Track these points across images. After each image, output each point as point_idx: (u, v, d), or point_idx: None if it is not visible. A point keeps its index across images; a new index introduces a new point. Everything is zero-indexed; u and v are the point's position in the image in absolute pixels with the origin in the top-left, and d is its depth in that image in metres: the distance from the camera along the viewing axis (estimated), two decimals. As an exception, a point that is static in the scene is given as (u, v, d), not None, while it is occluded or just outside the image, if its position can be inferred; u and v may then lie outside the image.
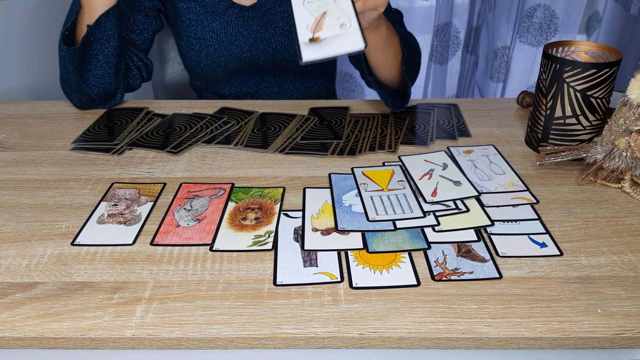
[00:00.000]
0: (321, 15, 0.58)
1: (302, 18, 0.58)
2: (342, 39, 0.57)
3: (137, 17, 0.95)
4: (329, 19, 0.58)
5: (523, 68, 1.81)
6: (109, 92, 0.91)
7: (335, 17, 0.58)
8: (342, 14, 0.58)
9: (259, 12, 0.97)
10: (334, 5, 0.58)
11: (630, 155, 0.66)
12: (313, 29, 0.57)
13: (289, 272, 0.56)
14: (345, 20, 0.58)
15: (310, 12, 0.58)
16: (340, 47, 0.58)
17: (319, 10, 0.58)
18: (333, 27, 0.57)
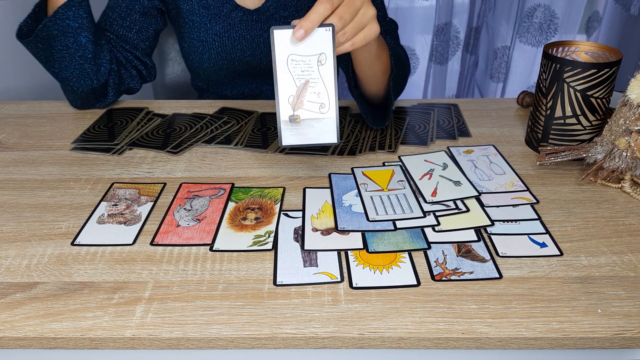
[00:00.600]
0: (303, 85, 0.60)
1: (285, 86, 0.60)
2: (318, 126, 0.61)
3: (134, 16, 0.94)
4: (310, 93, 0.60)
5: (523, 68, 1.81)
6: (94, 90, 0.90)
7: (316, 93, 0.60)
8: (323, 89, 0.60)
9: (263, 16, 0.97)
10: (317, 73, 0.60)
11: (630, 155, 0.66)
12: (294, 105, 0.61)
13: (289, 272, 0.56)
14: (324, 100, 0.60)
15: (293, 76, 0.60)
16: (316, 136, 0.61)
17: (302, 75, 0.60)
18: (312, 106, 0.61)
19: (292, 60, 0.60)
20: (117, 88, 0.93)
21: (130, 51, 0.95)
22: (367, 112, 0.83)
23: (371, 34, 0.65)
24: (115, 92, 0.93)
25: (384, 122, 0.83)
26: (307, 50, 0.60)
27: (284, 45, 0.59)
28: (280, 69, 0.60)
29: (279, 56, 0.60)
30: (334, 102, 0.60)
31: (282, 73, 0.60)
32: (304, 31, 0.58)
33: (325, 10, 0.59)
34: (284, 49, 0.60)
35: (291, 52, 0.60)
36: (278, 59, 0.60)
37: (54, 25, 0.83)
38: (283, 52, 0.60)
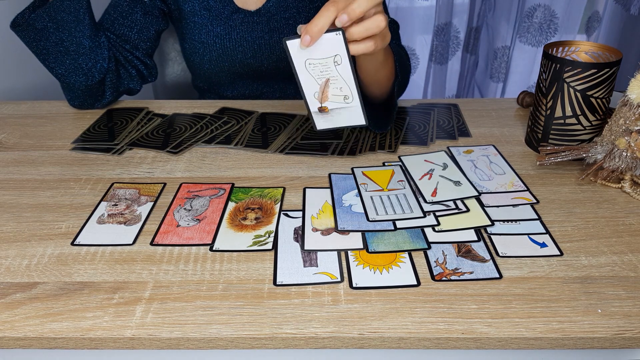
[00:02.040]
0: (325, 83, 0.63)
1: (308, 84, 0.64)
2: (346, 113, 0.66)
3: (136, 16, 0.94)
4: (332, 88, 0.64)
5: (523, 68, 1.81)
6: (91, 88, 0.89)
7: (338, 88, 0.64)
8: (344, 84, 0.63)
9: (264, 18, 0.96)
10: (336, 72, 0.63)
11: (630, 155, 0.66)
12: (320, 99, 0.65)
13: (289, 272, 0.56)
14: (347, 92, 0.64)
15: (313, 76, 0.63)
16: (346, 120, 0.66)
17: (321, 75, 0.63)
18: (337, 99, 0.65)
19: (310, 64, 0.62)
20: (115, 88, 0.93)
21: (130, 51, 0.95)
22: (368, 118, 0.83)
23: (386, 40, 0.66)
24: (113, 92, 0.93)
25: (386, 127, 0.83)
26: (322, 54, 0.62)
27: (299, 53, 0.61)
28: (300, 72, 0.63)
29: (296, 63, 0.62)
30: (357, 92, 0.64)
31: (303, 74, 0.63)
32: (309, 37, 0.59)
33: (331, 13, 0.59)
34: (300, 56, 0.62)
35: (307, 58, 0.62)
36: (297, 65, 0.62)
37: (49, 17, 0.82)
38: (300, 59, 0.62)
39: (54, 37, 0.84)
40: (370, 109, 0.84)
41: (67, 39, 0.84)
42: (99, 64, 0.88)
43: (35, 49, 0.85)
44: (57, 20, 0.83)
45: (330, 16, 0.59)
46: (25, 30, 0.83)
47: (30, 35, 0.84)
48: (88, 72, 0.87)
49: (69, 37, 0.84)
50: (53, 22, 0.83)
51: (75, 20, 0.84)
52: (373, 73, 0.78)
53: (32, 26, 0.82)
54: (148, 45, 0.97)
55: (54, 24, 0.83)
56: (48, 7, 0.82)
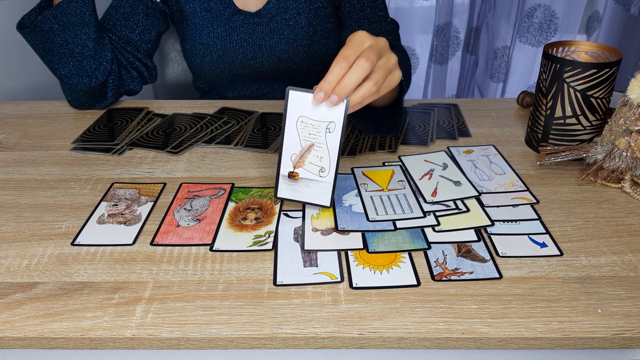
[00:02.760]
0: (307, 147, 0.61)
1: (290, 144, 0.61)
2: (314, 188, 0.63)
3: (137, 18, 0.94)
4: (312, 156, 0.61)
5: (523, 68, 1.81)
6: (93, 89, 0.89)
7: (319, 157, 0.61)
8: (326, 155, 0.61)
9: (264, 19, 0.96)
10: (324, 139, 0.60)
11: (630, 155, 0.66)
12: (295, 163, 0.62)
13: (289, 272, 0.56)
14: (325, 165, 0.61)
15: (299, 136, 0.61)
16: (311, 196, 0.63)
17: (309, 137, 0.61)
18: (313, 168, 0.62)
19: (302, 122, 0.60)
20: (117, 89, 0.93)
21: (131, 52, 0.95)
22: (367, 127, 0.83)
23: (394, 81, 0.64)
24: (115, 93, 0.93)
25: (390, 132, 0.83)
26: (318, 116, 0.60)
27: (297, 106, 0.60)
28: (288, 127, 0.61)
29: (289, 115, 0.60)
30: (334, 168, 0.61)
31: (290, 131, 0.61)
32: (323, 94, 0.58)
33: (342, 70, 0.58)
34: (296, 110, 0.60)
35: (302, 114, 0.60)
36: (288, 117, 0.60)
37: (55, 19, 0.83)
38: (294, 112, 0.60)
39: (59, 39, 0.84)
40: (375, 114, 0.84)
41: (72, 40, 0.85)
42: (103, 66, 0.88)
43: (40, 50, 0.86)
44: (63, 22, 0.83)
45: (341, 72, 0.58)
46: (32, 32, 0.84)
47: (36, 37, 0.84)
48: (92, 74, 0.88)
49: (74, 39, 0.85)
50: (59, 24, 0.83)
51: (81, 22, 0.85)
52: None
53: (39, 28, 0.83)
54: (149, 46, 0.97)
55: (60, 26, 0.83)
56: (55, 10, 0.82)
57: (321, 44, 1.00)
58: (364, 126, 0.82)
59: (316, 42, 0.99)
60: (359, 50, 0.60)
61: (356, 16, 0.96)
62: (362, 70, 0.58)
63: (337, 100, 0.58)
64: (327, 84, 0.58)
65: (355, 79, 0.58)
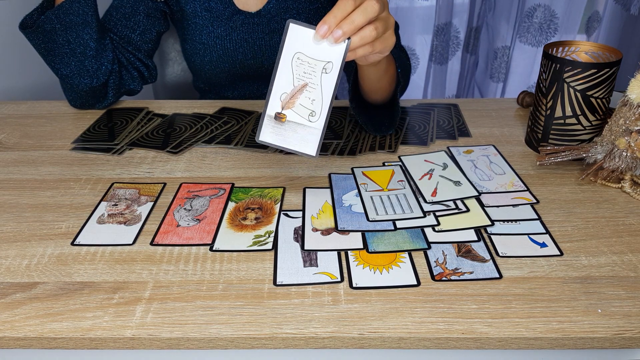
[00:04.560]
0: (300, 87, 0.58)
1: (282, 81, 0.58)
2: (301, 133, 0.59)
3: (138, 18, 0.94)
4: (304, 98, 0.58)
5: (523, 68, 1.81)
6: (94, 89, 0.89)
7: (311, 99, 0.58)
8: (319, 97, 0.58)
9: (264, 19, 0.97)
10: (319, 80, 0.57)
11: (630, 155, 0.66)
12: (284, 103, 0.58)
13: (289, 272, 0.56)
14: (317, 108, 0.58)
15: (293, 73, 0.58)
16: (296, 143, 0.59)
17: (303, 76, 0.58)
18: (302, 111, 0.58)
19: (298, 58, 0.58)
20: (117, 89, 0.93)
21: (132, 52, 0.95)
22: (367, 122, 0.83)
23: (390, 41, 0.63)
24: (115, 93, 0.93)
25: (387, 130, 0.83)
26: (316, 54, 0.57)
27: (295, 41, 0.57)
28: (282, 63, 0.58)
29: (285, 50, 0.57)
30: (326, 113, 0.58)
31: (283, 68, 0.58)
32: (327, 27, 0.56)
33: (349, 6, 0.57)
34: (293, 45, 0.57)
35: (299, 50, 0.57)
36: (284, 53, 0.57)
37: (57, 19, 0.83)
38: (291, 48, 0.57)
39: (61, 39, 0.84)
40: (372, 112, 0.84)
41: (74, 40, 0.85)
42: (104, 66, 0.89)
43: (43, 50, 0.86)
44: (66, 22, 0.83)
45: (347, 9, 0.57)
46: (34, 32, 0.84)
47: (38, 36, 0.84)
48: (93, 74, 0.88)
49: (76, 39, 0.85)
50: (61, 24, 0.83)
51: (83, 22, 0.85)
52: (375, 81, 0.77)
53: (41, 28, 0.83)
54: (149, 46, 0.97)
55: (62, 26, 0.83)
56: (57, 10, 0.83)
57: None
58: (365, 122, 0.82)
59: None
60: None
61: None
62: (372, 9, 0.57)
63: (341, 36, 0.56)
64: (332, 17, 0.56)
65: (364, 17, 0.57)
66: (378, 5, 0.58)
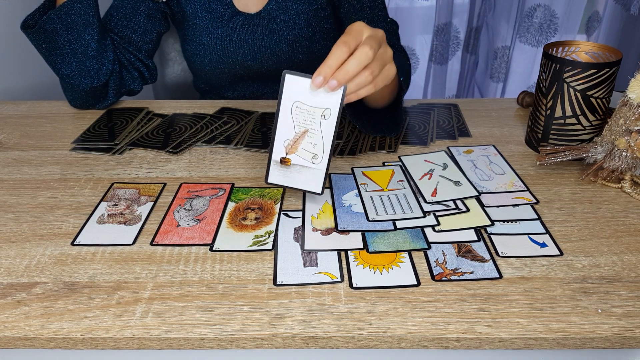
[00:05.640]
0: (301, 133, 0.60)
1: (284, 129, 0.60)
2: (307, 174, 0.62)
3: (139, 18, 0.94)
4: (306, 142, 0.60)
5: (523, 68, 1.81)
6: (94, 89, 0.89)
7: (312, 144, 0.60)
8: (320, 142, 0.60)
9: (264, 21, 0.97)
10: (318, 126, 0.59)
11: (630, 155, 0.66)
12: (288, 149, 0.61)
13: (289, 272, 0.56)
14: (319, 151, 0.60)
15: (294, 121, 0.60)
16: (302, 182, 0.62)
17: (304, 123, 0.60)
18: (306, 155, 0.61)
19: (297, 107, 0.59)
20: (118, 89, 0.93)
21: (133, 53, 0.95)
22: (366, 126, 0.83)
23: (390, 74, 0.63)
24: (116, 94, 0.93)
25: (391, 133, 0.83)
26: (314, 102, 0.59)
27: (292, 91, 0.59)
28: (282, 113, 0.60)
29: (284, 100, 0.59)
30: (328, 155, 0.60)
31: (284, 117, 0.60)
32: (322, 78, 0.57)
33: (343, 54, 0.58)
34: (291, 95, 0.59)
35: (297, 99, 0.59)
36: (283, 102, 0.59)
37: (59, 19, 0.83)
38: (289, 97, 0.59)
39: (63, 39, 0.84)
40: (376, 115, 0.84)
41: (75, 41, 0.85)
42: (105, 67, 0.89)
43: (44, 50, 0.86)
44: (67, 22, 0.84)
45: (342, 56, 0.58)
46: (35, 32, 0.84)
47: (39, 37, 0.84)
48: (94, 74, 0.88)
49: (78, 40, 0.85)
50: (63, 24, 0.83)
51: (84, 23, 0.85)
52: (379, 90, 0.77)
53: (42, 28, 0.83)
54: (150, 47, 0.97)
55: (63, 27, 0.84)
56: (59, 10, 0.83)
57: (320, 45, 1.00)
58: (364, 127, 0.82)
59: (315, 43, 0.99)
60: (358, 39, 0.60)
61: (355, 16, 0.96)
62: (365, 57, 0.58)
63: (336, 86, 0.57)
64: (327, 67, 0.57)
65: (358, 65, 0.58)
66: (372, 50, 0.58)
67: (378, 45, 0.60)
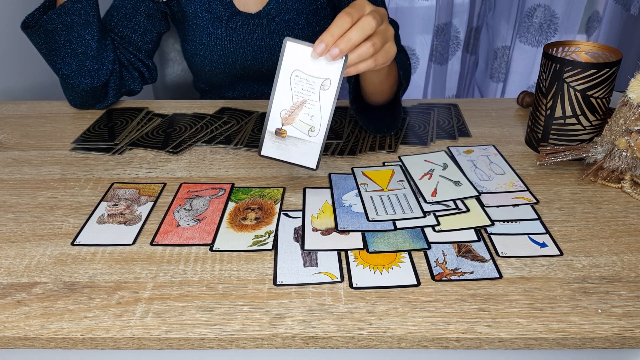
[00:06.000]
0: (299, 103, 0.59)
1: (281, 98, 0.59)
2: (302, 147, 0.60)
3: (139, 18, 0.94)
4: (303, 114, 0.59)
5: (523, 68, 1.81)
6: (94, 89, 0.89)
7: (310, 115, 0.59)
8: (318, 113, 0.59)
9: (264, 20, 0.97)
10: (317, 96, 0.58)
11: (630, 155, 0.66)
12: (284, 119, 0.59)
13: (289, 272, 0.56)
14: (316, 124, 0.59)
15: (292, 90, 0.59)
16: (297, 156, 0.61)
17: (302, 93, 0.59)
18: (302, 127, 0.59)
19: (296, 76, 0.58)
20: (118, 89, 0.93)
21: (133, 53, 0.95)
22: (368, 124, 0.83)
23: (391, 52, 0.63)
24: (116, 94, 0.93)
25: (389, 131, 0.83)
26: (314, 71, 0.58)
27: (293, 59, 0.58)
28: (281, 81, 0.59)
29: (284, 68, 0.58)
30: (325, 128, 0.59)
31: (282, 85, 0.59)
32: (324, 45, 0.57)
33: (346, 24, 0.57)
34: (291, 63, 0.58)
35: (297, 68, 0.58)
36: (282, 70, 0.58)
37: (59, 19, 0.83)
38: (289, 65, 0.58)
39: (63, 39, 0.84)
40: (373, 113, 0.84)
41: (75, 41, 0.85)
42: (105, 66, 0.89)
43: (44, 50, 0.86)
44: (67, 22, 0.84)
45: (345, 26, 0.57)
46: (36, 32, 0.84)
47: (40, 36, 0.84)
48: (94, 74, 0.88)
49: (78, 39, 0.85)
50: (63, 24, 0.83)
51: (84, 23, 0.85)
52: (378, 84, 0.77)
53: (43, 28, 0.83)
54: (150, 47, 0.97)
55: (63, 26, 0.84)
56: (59, 10, 0.83)
57: None
58: (366, 124, 0.82)
59: None
60: (361, 12, 0.59)
61: None
62: (368, 26, 0.58)
63: (338, 54, 0.57)
64: (329, 35, 0.57)
65: (360, 34, 0.57)
66: (375, 21, 0.58)
67: (381, 19, 0.60)
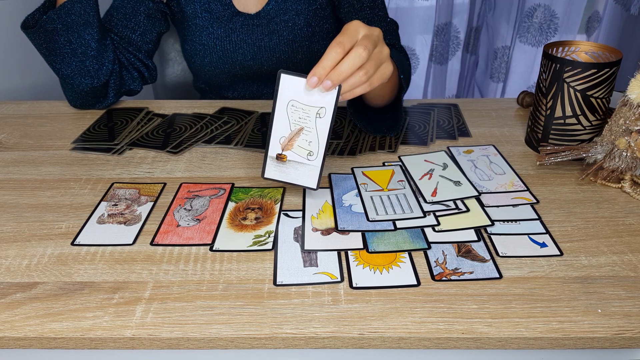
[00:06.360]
0: (297, 131, 0.61)
1: (279, 127, 0.61)
2: (302, 170, 0.63)
3: (139, 18, 0.94)
4: (301, 140, 0.61)
5: (523, 68, 1.81)
6: (94, 89, 0.89)
7: (307, 141, 0.61)
8: (315, 139, 0.61)
9: (264, 21, 0.97)
10: (313, 124, 0.60)
11: (630, 155, 0.66)
12: (284, 145, 0.62)
13: (289, 272, 0.56)
14: (314, 149, 0.61)
15: (289, 119, 0.61)
16: (298, 178, 0.63)
17: (299, 121, 0.61)
18: (301, 152, 0.62)
19: (292, 105, 0.60)
20: (118, 89, 0.93)
21: (132, 53, 0.95)
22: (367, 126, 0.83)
23: (386, 73, 0.63)
24: (116, 94, 0.93)
25: (390, 132, 0.83)
26: (309, 101, 0.60)
27: (288, 90, 0.60)
28: (278, 111, 0.61)
29: (280, 99, 0.60)
30: (323, 152, 0.62)
31: (280, 115, 0.61)
32: (317, 79, 0.58)
33: (337, 55, 0.58)
34: (287, 94, 0.60)
35: (293, 98, 0.60)
36: (279, 101, 0.60)
37: (59, 19, 0.83)
38: (285, 96, 0.60)
39: (63, 39, 0.84)
40: (372, 115, 0.84)
41: (75, 41, 0.85)
42: (105, 67, 0.89)
43: (44, 50, 0.86)
44: (67, 22, 0.84)
45: (336, 57, 0.58)
46: (36, 32, 0.84)
47: (40, 36, 0.84)
48: (94, 74, 0.88)
49: (78, 40, 0.85)
50: (63, 24, 0.83)
51: (84, 23, 0.85)
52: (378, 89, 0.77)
53: (42, 28, 0.83)
54: (150, 47, 0.97)
55: (63, 26, 0.84)
56: (59, 10, 0.83)
57: (320, 45, 1.00)
58: (364, 126, 0.82)
59: (315, 43, 0.99)
60: (354, 39, 0.60)
61: (355, 16, 0.96)
62: (359, 58, 0.58)
63: (331, 86, 0.58)
64: (321, 68, 0.58)
65: (351, 66, 0.58)
66: (366, 51, 0.59)
67: (373, 45, 0.60)
